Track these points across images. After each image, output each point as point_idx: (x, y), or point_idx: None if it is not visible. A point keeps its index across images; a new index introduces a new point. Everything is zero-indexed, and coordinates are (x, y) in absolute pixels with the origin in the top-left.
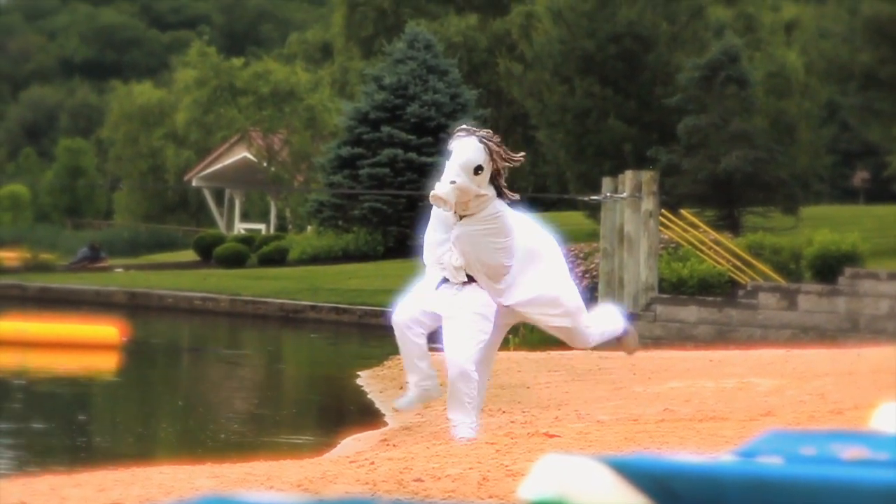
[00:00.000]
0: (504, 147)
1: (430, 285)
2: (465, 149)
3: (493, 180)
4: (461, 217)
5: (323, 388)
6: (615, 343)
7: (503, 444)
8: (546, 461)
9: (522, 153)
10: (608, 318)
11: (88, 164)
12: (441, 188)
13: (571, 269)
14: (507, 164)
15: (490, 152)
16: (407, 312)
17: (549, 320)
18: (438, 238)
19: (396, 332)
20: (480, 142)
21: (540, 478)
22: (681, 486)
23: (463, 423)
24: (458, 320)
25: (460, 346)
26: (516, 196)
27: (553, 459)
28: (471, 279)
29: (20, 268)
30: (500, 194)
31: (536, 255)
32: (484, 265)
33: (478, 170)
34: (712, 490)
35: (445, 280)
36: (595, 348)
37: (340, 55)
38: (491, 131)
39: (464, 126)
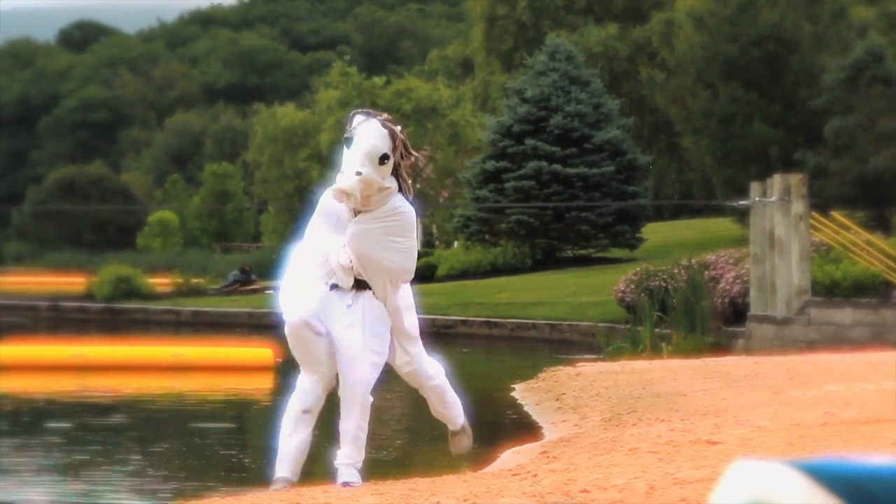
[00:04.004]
0: (406, 135)
1: (312, 287)
2: (369, 135)
3: (395, 172)
4: (356, 213)
5: (478, 403)
6: (449, 435)
7: (665, 452)
8: (737, 467)
9: (423, 151)
10: (451, 396)
11: (235, 188)
12: (345, 180)
13: (722, 276)
14: (408, 156)
15: (394, 139)
16: (303, 310)
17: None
18: (324, 235)
19: (293, 332)
20: (384, 126)
21: (732, 485)
22: (879, 489)
23: (352, 464)
24: (354, 341)
25: (361, 374)
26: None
27: (745, 466)
28: (362, 284)
29: (172, 293)
30: (399, 188)
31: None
32: (382, 269)
33: (383, 159)
34: None
35: (335, 286)
36: (748, 353)
37: (481, 69)
38: (390, 116)
39: (361, 109)
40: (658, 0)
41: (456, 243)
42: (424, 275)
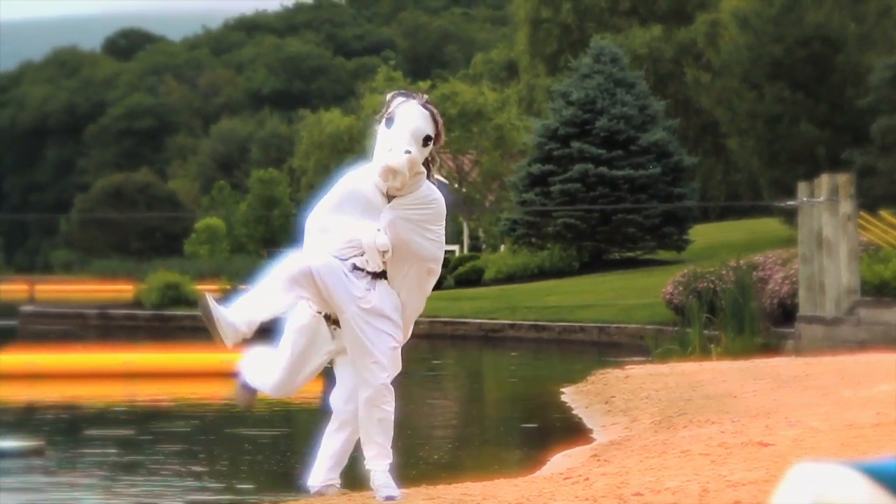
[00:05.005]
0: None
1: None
2: (413, 115)
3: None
4: (389, 198)
5: (527, 406)
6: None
7: (717, 454)
8: (798, 469)
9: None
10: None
11: (282, 194)
12: (394, 158)
13: (770, 276)
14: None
15: (436, 122)
16: (325, 259)
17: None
18: (349, 220)
19: (301, 275)
20: (426, 108)
21: (793, 487)
22: None
23: (385, 462)
24: (378, 325)
25: (386, 359)
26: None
27: (806, 468)
28: (379, 273)
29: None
30: (428, 174)
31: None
32: (415, 256)
33: (427, 140)
34: None
35: (355, 267)
36: (798, 353)
37: (526, 73)
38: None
39: (399, 91)
40: (702, 1)
41: (503, 247)
42: (471, 278)
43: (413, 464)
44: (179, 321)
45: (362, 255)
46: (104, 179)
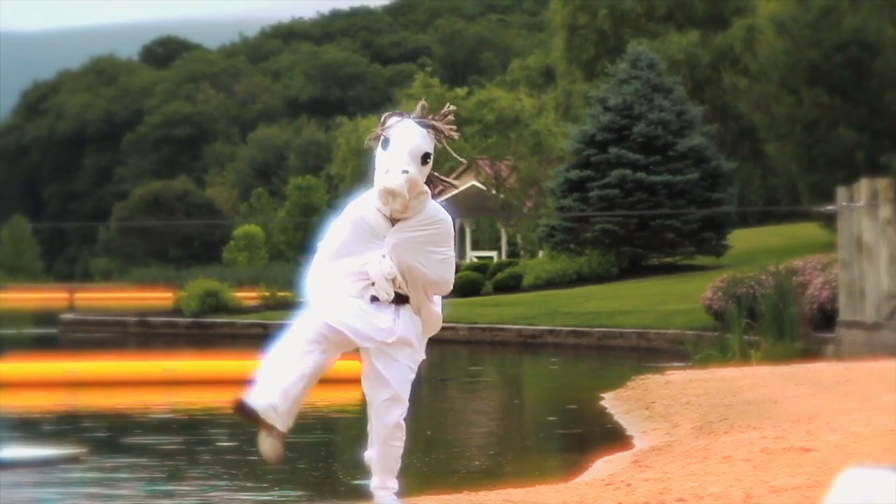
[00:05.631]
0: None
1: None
2: (409, 134)
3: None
4: (392, 221)
5: (567, 412)
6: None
7: (759, 460)
8: (848, 474)
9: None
10: None
11: (320, 201)
12: (392, 179)
13: (810, 281)
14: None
15: (438, 131)
16: (339, 305)
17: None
18: (357, 251)
19: (320, 335)
20: (421, 125)
21: (843, 491)
22: None
23: (390, 492)
24: (398, 357)
25: (403, 392)
26: (454, 186)
27: (855, 472)
28: (401, 298)
29: (260, 307)
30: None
31: None
32: (423, 280)
33: (426, 158)
34: None
35: (374, 298)
36: (838, 359)
37: (563, 79)
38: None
39: (393, 111)
40: (739, 6)
41: (541, 253)
42: (510, 285)
43: (454, 470)
44: (219, 328)
45: (374, 285)
46: (143, 187)
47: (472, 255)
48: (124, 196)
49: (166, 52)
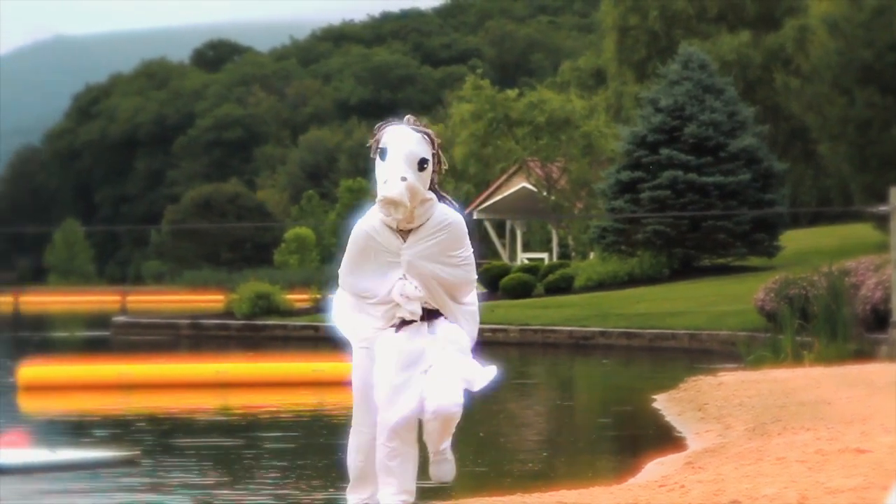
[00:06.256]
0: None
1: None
2: (404, 140)
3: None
4: (403, 236)
5: (619, 414)
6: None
7: (814, 461)
8: None
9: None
10: None
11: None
12: (391, 188)
13: (863, 282)
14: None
15: (432, 144)
16: (405, 409)
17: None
18: (369, 277)
19: (394, 441)
20: (416, 130)
21: None
22: None
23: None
24: (446, 362)
25: (456, 399)
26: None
27: None
28: (432, 313)
29: (311, 309)
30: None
31: None
32: (445, 285)
33: (423, 163)
34: None
35: (404, 321)
36: (892, 360)
37: (614, 80)
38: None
39: (387, 121)
40: (791, 6)
41: (592, 254)
42: (561, 286)
43: (507, 472)
44: (271, 331)
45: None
46: (194, 190)
47: (523, 257)
48: (176, 199)
49: (217, 55)
